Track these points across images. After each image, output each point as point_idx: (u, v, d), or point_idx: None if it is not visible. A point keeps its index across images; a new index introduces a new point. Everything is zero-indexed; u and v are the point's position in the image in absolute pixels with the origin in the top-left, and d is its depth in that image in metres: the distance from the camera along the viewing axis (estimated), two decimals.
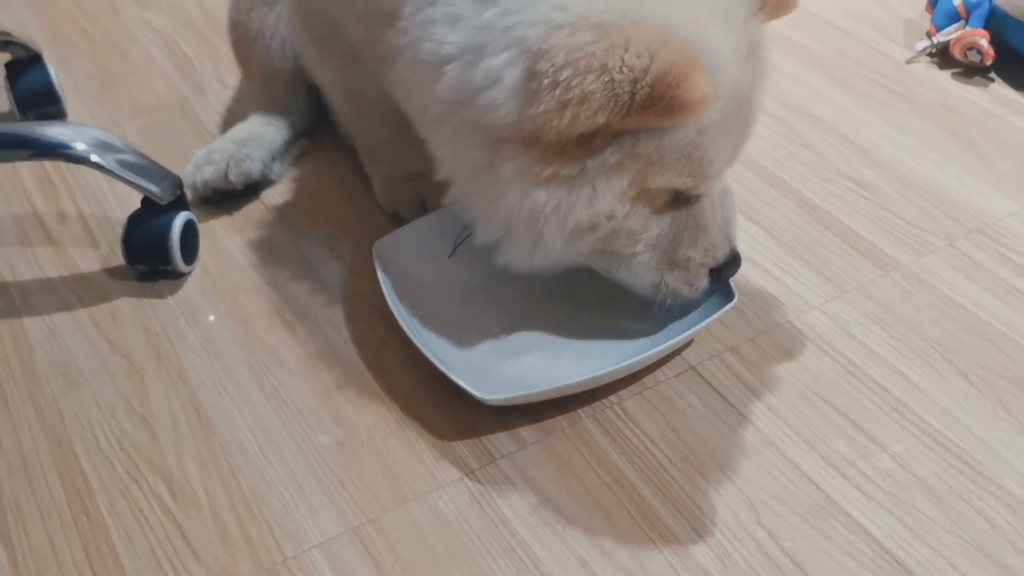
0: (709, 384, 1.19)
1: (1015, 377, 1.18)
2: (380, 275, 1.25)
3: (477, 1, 1.04)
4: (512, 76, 1.01)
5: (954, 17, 1.64)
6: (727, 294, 1.19)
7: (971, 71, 1.62)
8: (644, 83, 0.97)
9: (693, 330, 1.18)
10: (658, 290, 1.15)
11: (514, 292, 1.27)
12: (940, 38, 1.63)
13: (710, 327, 1.22)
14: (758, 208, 1.41)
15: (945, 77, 1.62)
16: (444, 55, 1.06)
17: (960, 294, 1.28)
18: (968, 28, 1.61)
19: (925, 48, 1.65)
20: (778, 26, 1.74)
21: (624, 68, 0.96)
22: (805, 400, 1.17)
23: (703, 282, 1.16)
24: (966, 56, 1.61)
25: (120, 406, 1.22)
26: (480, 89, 1.03)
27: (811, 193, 1.43)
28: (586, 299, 1.27)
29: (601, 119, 0.98)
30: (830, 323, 1.25)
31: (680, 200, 1.12)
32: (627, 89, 0.97)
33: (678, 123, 1.02)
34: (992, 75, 1.61)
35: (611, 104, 0.97)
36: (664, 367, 1.21)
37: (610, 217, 1.08)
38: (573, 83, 0.97)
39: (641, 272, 1.15)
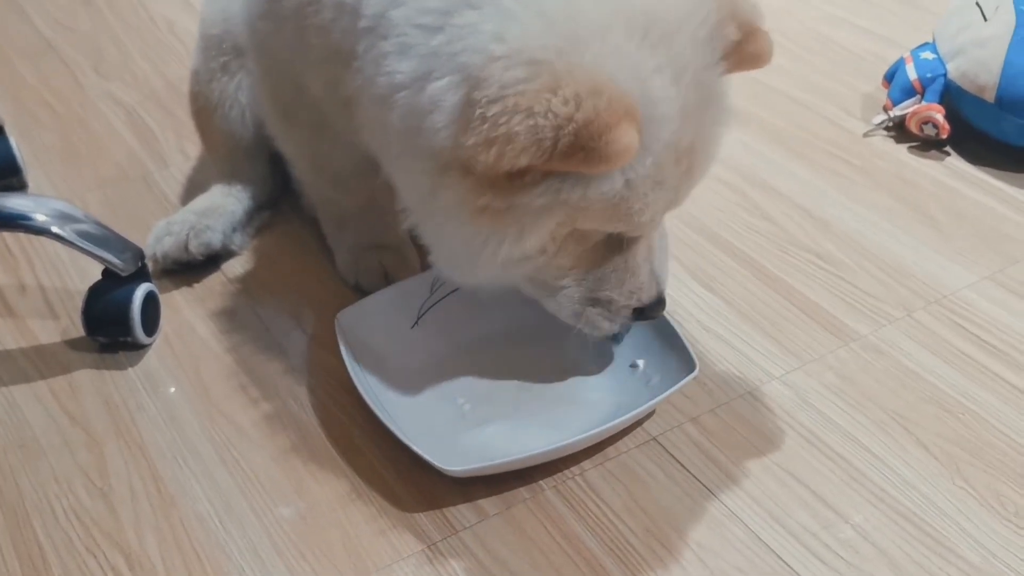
0: (671, 455, 1.19)
1: (973, 447, 1.19)
2: (342, 346, 1.25)
3: (426, 29, 1.04)
4: (452, 100, 1.01)
5: (910, 92, 1.67)
6: (689, 365, 1.20)
7: (927, 145, 1.65)
8: (567, 131, 0.96)
9: (654, 401, 1.18)
10: (578, 320, 1.16)
11: (477, 363, 1.28)
12: (896, 112, 1.66)
13: (671, 398, 1.22)
14: (717, 278, 1.42)
15: (902, 150, 1.65)
16: (396, 84, 1.06)
17: (918, 365, 1.29)
18: (924, 103, 1.64)
19: (882, 122, 1.68)
20: (737, 99, 1.77)
21: (549, 113, 0.95)
22: (767, 471, 1.17)
23: (624, 320, 1.17)
24: (922, 130, 1.64)
25: (79, 479, 1.21)
26: (425, 113, 1.03)
27: (770, 264, 1.44)
28: (549, 370, 1.27)
29: (524, 161, 0.97)
30: (790, 394, 1.26)
31: (614, 239, 1.12)
32: (549, 135, 0.96)
33: (602, 172, 1.01)
34: (948, 149, 1.64)
35: (534, 148, 0.96)
36: (626, 438, 1.21)
37: (541, 252, 1.08)
38: (500, 121, 0.96)
39: (564, 303, 1.16)
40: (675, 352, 1.23)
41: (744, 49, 1.07)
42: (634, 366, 1.25)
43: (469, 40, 1.00)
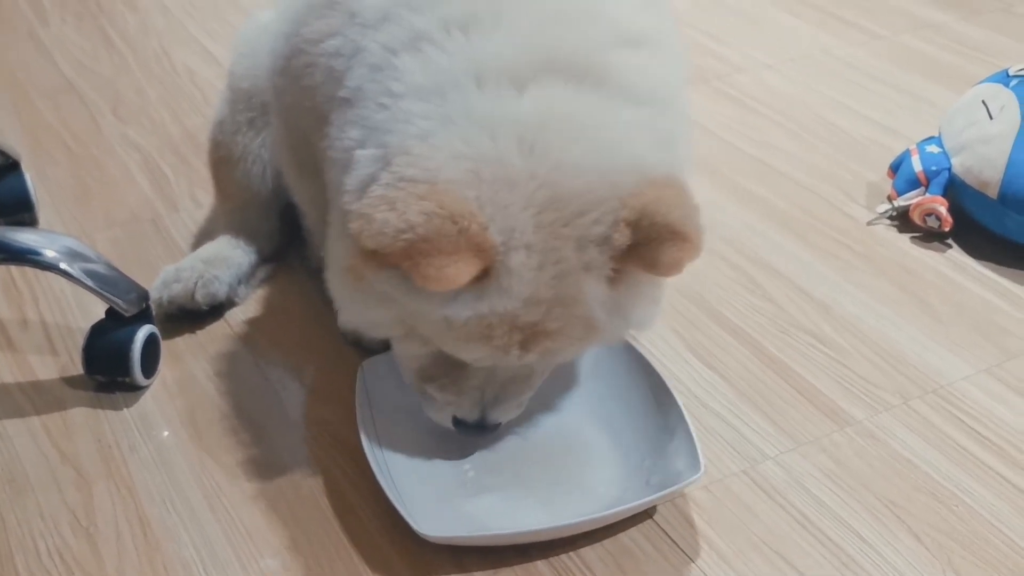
0: (662, 529, 1.19)
1: (965, 540, 1.18)
2: (359, 394, 1.25)
3: (378, 105, 1.08)
4: (366, 171, 1.06)
5: (915, 183, 1.68)
6: (694, 465, 1.18)
7: (930, 236, 1.66)
8: (404, 237, 0.99)
9: (654, 497, 1.17)
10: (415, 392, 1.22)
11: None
12: (900, 202, 1.68)
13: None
14: (716, 355, 1.43)
15: (904, 240, 1.66)
16: (344, 148, 1.11)
17: (913, 453, 1.29)
18: (928, 195, 1.66)
19: (886, 211, 1.70)
20: (744, 180, 1.79)
21: (403, 216, 0.99)
22: (757, 550, 1.17)
23: (445, 420, 1.20)
24: (925, 221, 1.66)
25: (65, 518, 1.20)
26: (348, 171, 1.08)
27: (769, 344, 1.45)
28: (558, 450, 1.27)
29: (371, 244, 1.01)
30: (784, 474, 1.26)
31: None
32: (391, 233, 0.99)
33: (428, 287, 1.02)
34: (950, 241, 1.65)
35: (378, 237, 1.00)
36: None
37: (388, 330, 1.14)
38: (374, 203, 1.01)
39: (405, 375, 1.22)
40: (683, 448, 1.21)
41: (643, 252, 1.04)
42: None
43: (402, 126, 1.05)
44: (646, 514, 1.20)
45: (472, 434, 1.21)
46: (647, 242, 1.03)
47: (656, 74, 1.13)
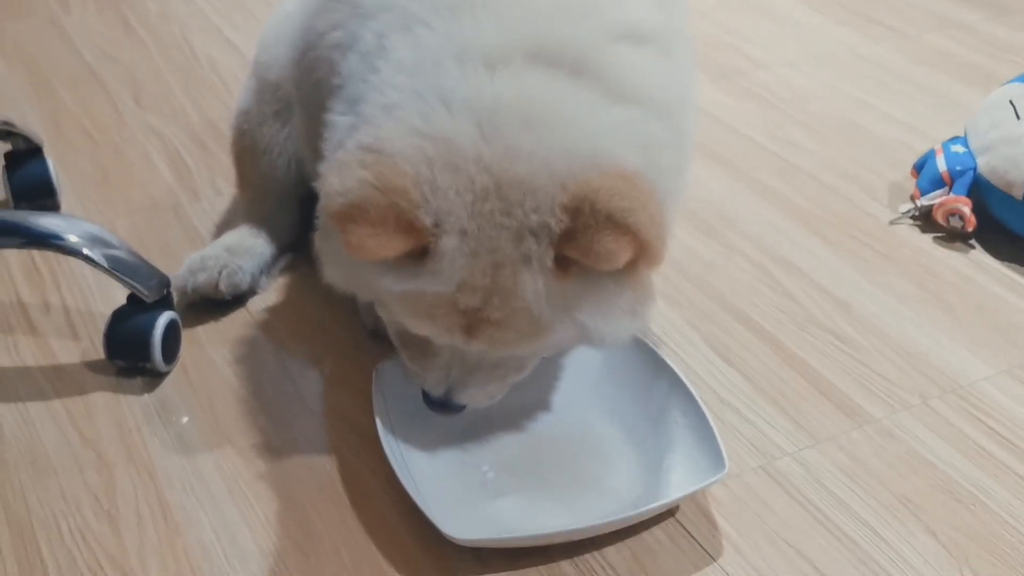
0: (680, 523, 1.19)
1: (983, 539, 1.18)
2: (376, 395, 1.25)
3: (362, 81, 1.10)
4: (339, 136, 1.09)
5: (939, 183, 1.68)
6: (718, 463, 1.17)
7: (953, 236, 1.66)
8: (338, 200, 1.00)
9: (679, 496, 1.17)
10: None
11: (508, 431, 1.27)
12: (924, 202, 1.67)
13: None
14: (736, 351, 1.43)
15: (927, 240, 1.66)
16: (331, 123, 1.13)
17: (931, 452, 1.29)
18: (952, 195, 1.65)
19: (909, 211, 1.69)
20: (766, 177, 1.78)
21: (345, 180, 1.00)
22: (774, 546, 1.17)
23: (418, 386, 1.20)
24: (948, 221, 1.65)
25: (86, 500, 1.21)
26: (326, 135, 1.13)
27: (789, 341, 1.45)
28: (577, 449, 1.26)
29: (322, 201, 1.03)
30: (802, 471, 1.26)
31: None
32: (332, 195, 1.01)
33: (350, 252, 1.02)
34: (973, 242, 1.65)
35: (324, 198, 1.02)
36: None
37: (360, 293, 1.16)
38: (331, 166, 1.04)
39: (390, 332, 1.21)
40: (704, 445, 1.20)
41: (580, 240, 0.99)
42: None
43: (375, 96, 1.07)
44: (668, 512, 1.20)
45: (436, 410, 1.18)
46: (584, 229, 0.99)
47: (655, 74, 1.09)
